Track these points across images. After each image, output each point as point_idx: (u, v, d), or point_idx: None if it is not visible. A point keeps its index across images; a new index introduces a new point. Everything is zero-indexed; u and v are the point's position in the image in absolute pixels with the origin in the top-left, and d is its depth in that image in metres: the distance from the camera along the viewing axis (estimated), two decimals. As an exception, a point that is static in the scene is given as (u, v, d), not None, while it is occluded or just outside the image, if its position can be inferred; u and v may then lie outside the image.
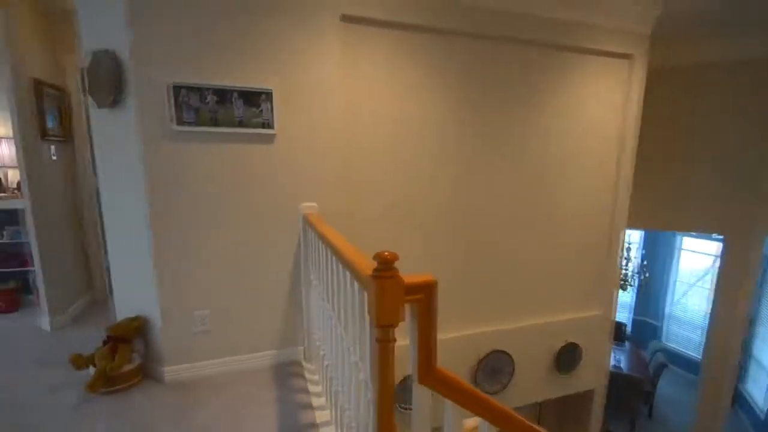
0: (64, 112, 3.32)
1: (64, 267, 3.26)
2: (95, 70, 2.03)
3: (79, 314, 3.39)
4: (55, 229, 3.14)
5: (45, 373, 2.51)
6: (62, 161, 3.32)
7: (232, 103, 2.14)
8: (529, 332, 3.42)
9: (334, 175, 2.50)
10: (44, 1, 3.01)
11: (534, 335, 3.44)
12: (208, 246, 2.33)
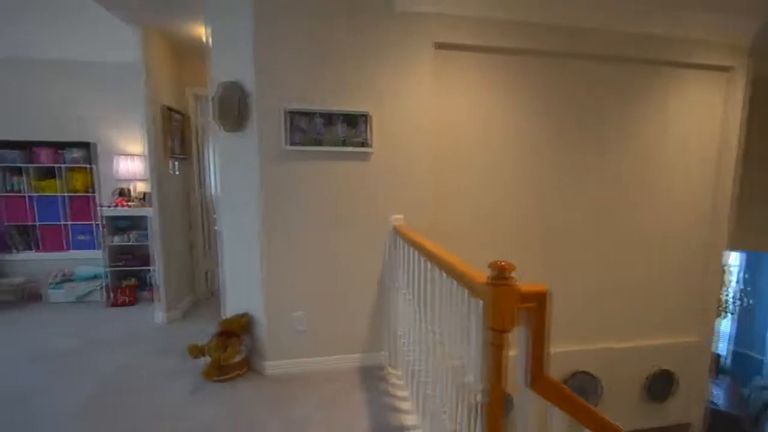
0: (184, 134, 3.83)
1: (177, 268, 3.72)
2: (223, 99, 2.37)
3: (186, 311, 3.83)
4: (172, 235, 3.60)
5: (164, 359, 2.88)
6: (181, 176, 3.83)
7: (335, 125, 2.37)
8: (618, 355, 3.24)
9: (422, 189, 2.64)
10: (174, 42, 3.53)
11: (623, 359, 3.25)
12: (307, 253, 2.56)
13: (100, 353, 2.97)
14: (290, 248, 2.53)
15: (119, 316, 3.69)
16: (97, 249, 4.22)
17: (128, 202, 4.04)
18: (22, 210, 4.11)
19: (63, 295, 4.01)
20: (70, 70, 4.01)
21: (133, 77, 3.93)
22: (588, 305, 3.22)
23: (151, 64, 3.23)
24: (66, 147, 4.08)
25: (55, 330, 3.37)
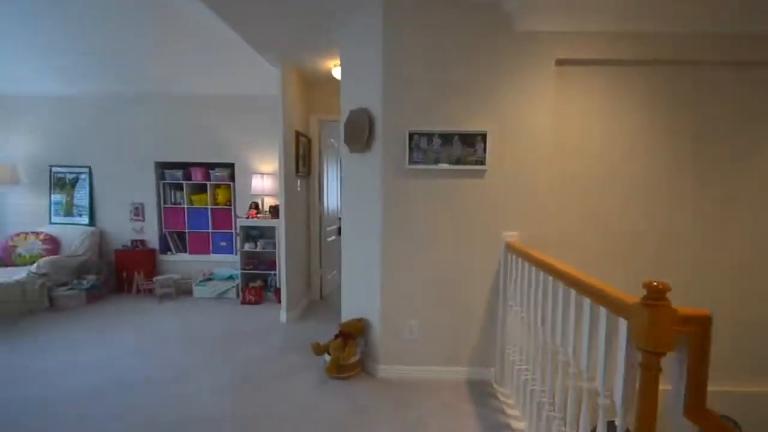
0: (308, 155, 4.26)
1: (297, 273, 4.10)
2: (353, 124, 2.63)
3: (303, 311, 4.19)
4: (294, 244, 4.00)
5: (290, 353, 3.19)
6: (303, 192, 4.26)
7: (452, 145, 2.47)
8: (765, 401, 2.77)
9: (537, 206, 2.60)
10: (304, 75, 3.99)
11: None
12: (422, 264, 2.67)
13: (238, 343, 3.40)
14: (406, 260, 2.67)
15: (249, 313, 4.18)
16: (233, 254, 4.85)
17: (259, 214, 4.58)
18: (179, 219, 4.92)
19: (206, 292, 4.66)
20: (218, 103, 4.74)
21: (268, 107, 4.53)
22: (729, 340, 2.81)
23: (287, 96, 3.69)
24: (214, 167, 4.81)
25: (202, 320, 3.94)
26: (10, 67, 4.45)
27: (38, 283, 4.15)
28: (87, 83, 4.66)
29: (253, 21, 2.77)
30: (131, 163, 4.87)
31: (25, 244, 4.52)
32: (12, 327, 3.71)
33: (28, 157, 4.99)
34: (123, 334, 3.58)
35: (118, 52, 4.15)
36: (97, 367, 2.93)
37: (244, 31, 2.94)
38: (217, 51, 3.99)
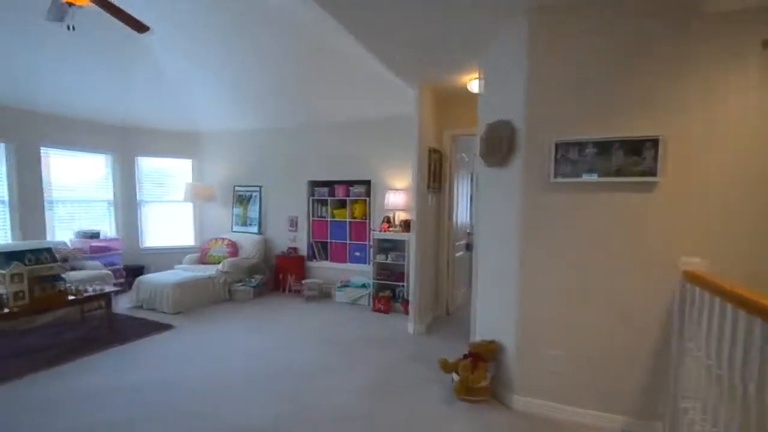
0: (439, 170, 4.24)
1: (425, 287, 4.05)
2: (491, 138, 2.48)
3: (430, 325, 4.10)
4: (424, 257, 3.97)
5: (417, 365, 3.12)
6: (434, 207, 4.23)
7: (610, 154, 2.11)
8: None
9: (736, 227, 2.02)
10: (438, 93, 4.00)
11: None
12: (569, 288, 2.33)
13: (369, 348, 3.49)
14: (549, 282, 2.36)
15: (379, 320, 4.29)
16: (367, 264, 5.09)
17: (391, 227, 4.72)
18: (323, 230, 5.40)
19: (343, 297, 4.98)
20: (359, 127, 5.09)
21: (403, 126, 4.66)
22: None
23: (422, 114, 3.74)
24: (353, 184, 5.17)
25: (339, 323, 4.20)
26: (210, 110, 5.60)
27: (222, 279, 5.02)
28: (261, 119, 5.56)
29: (398, 50, 2.88)
30: (290, 182, 5.58)
31: (215, 247, 5.54)
32: (203, 312, 4.55)
33: (221, 179, 6.16)
34: (277, 327, 4.04)
35: (284, 91, 4.84)
36: (256, 354, 3.34)
37: (389, 60, 3.08)
38: (361, 80, 4.31)
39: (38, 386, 2.74)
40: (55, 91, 4.68)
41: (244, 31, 3.97)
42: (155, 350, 3.41)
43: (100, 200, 5.66)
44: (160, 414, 2.42)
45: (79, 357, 3.22)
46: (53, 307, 3.65)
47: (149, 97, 5.27)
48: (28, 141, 4.77)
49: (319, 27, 3.41)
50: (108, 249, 5.23)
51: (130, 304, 4.65)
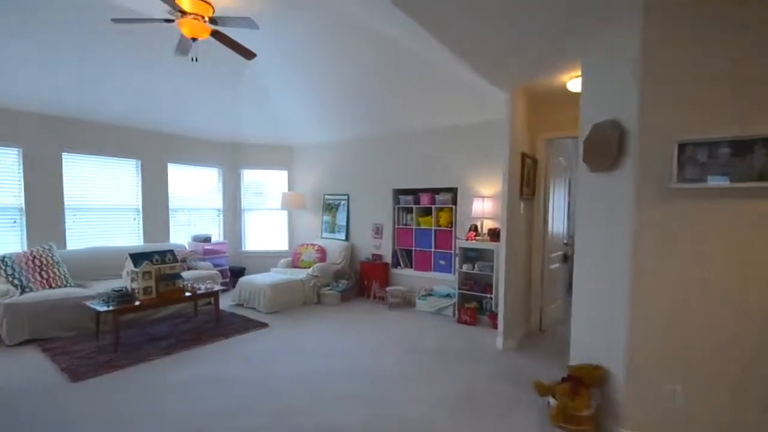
0: (532, 176, 4.01)
1: (515, 300, 3.84)
2: (596, 140, 2.27)
3: (520, 341, 3.87)
4: (514, 269, 3.77)
5: (506, 384, 2.96)
6: (526, 215, 4.01)
7: (752, 154, 1.79)
8: None
9: None
10: (531, 95, 3.80)
11: None
12: (693, 312, 2.02)
13: (453, 360, 3.40)
14: (668, 303, 2.07)
15: (464, 333, 4.16)
16: (451, 273, 5.01)
17: (477, 236, 4.58)
18: (408, 238, 5.45)
19: (426, 306, 4.95)
20: (444, 134, 5.06)
21: (491, 132, 4.53)
22: None
23: (513, 118, 3.58)
24: (439, 192, 5.14)
25: (422, 332, 4.17)
26: (303, 124, 6.04)
27: (312, 283, 5.34)
28: (348, 130, 5.83)
29: (489, 53, 2.80)
30: (375, 190, 5.75)
31: (306, 253, 5.93)
32: (294, 313, 4.88)
33: (311, 188, 6.59)
34: (361, 332, 4.16)
35: (369, 102, 5.02)
36: (342, 357, 3.47)
37: (479, 64, 3.01)
38: (446, 87, 4.28)
39: (158, 371, 3.17)
40: (177, 114, 5.46)
41: (331, 46, 4.22)
42: (253, 346, 3.74)
43: (211, 208, 6.44)
44: (261, 406, 2.63)
45: (191, 347, 3.67)
46: (173, 302, 4.23)
47: (253, 116, 5.88)
48: (156, 157, 5.63)
49: (405, 36, 3.47)
50: (217, 252, 5.92)
51: (233, 302, 5.18)
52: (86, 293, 4.08)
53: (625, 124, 2.14)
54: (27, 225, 4.49)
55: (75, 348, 3.59)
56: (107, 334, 3.78)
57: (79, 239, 4.93)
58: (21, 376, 3.04)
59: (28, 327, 3.70)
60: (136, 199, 5.48)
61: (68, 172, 4.81)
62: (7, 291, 3.76)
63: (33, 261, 4.09)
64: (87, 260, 4.63)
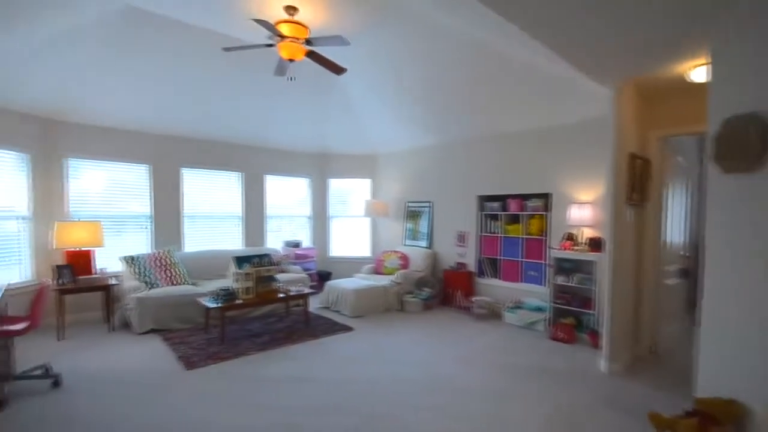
0: (643, 179, 3.60)
1: (622, 319, 3.44)
2: (730, 135, 1.96)
3: (627, 365, 3.46)
4: (621, 283, 3.39)
5: (612, 415, 2.65)
6: (634, 224, 3.60)
7: None
8: None
9: None
10: (643, 87, 3.42)
11: None
12: None
13: (548, 380, 3.15)
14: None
15: (559, 351, 3.85)
16: (542, 285, 4.69)
17: (574, 246, 4.23)
18: (493, 247, 5.24)
19: (515, 319, 4.69)
20: (536, 136, 4.79)
21: (591, 132, 4.18)
22: None
23: (620, 115, 3.26)
24: (529, 198, 4.87)
25: (511, 347, 3.95)
26: (387, 133, 6.19)
27: (395, 290, 5.40)
28: (431, 136, 5.84)
29: (592, 47, 2.60)
30: (459, 197, 5.65)
31: (389, 259, 6.03)
32: (377, 318, 4.97)
33: (394, 196, 6.72)
34: (445, 342, 4.08)
35: (453, 106, 4.97)
36: (425, 366, 3.43)
37: (580, 60, 2.81)
38: (537, 86, 4.07)
39: (255, 365, 3.45)
40: (273, 129, 5.98)
41: (417, 54, 4.26)
42: (340, 348, 3.89)
43: (301, 216, 6.91)
44: (348, 407, 2.72)
45: (282, 346, 3.93)
46: (269, 302, 4.58)
47: (340, 127, 6.21)
48: (255, 170, 6.22)
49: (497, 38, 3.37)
50: (306, 256, 6.31)
51: (320, 305, 5.46)
52: (198, 291, 4.63)
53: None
54: (154, 230, 5.25)
55: (189, 339, 4.08)
56: (214, 328, 4.23)
57: (193, 243, 5.63)
58: (148, 361, 3.54)
59: (153, 318, 4.30)
60: (239, 207, 6.10)
61: (185, 185, 5.54)
62: (138, 287, 4.41)
63: (158, 261, 4.76)
64: (199, 261, 5.26)
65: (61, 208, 4.56)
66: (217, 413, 2.64)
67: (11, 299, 3.63)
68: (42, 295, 3.02)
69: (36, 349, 3.70)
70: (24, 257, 4.30)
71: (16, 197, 4.22)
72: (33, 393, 2.86)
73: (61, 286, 4.11)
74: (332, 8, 3.51)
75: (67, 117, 4.53)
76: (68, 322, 4.30)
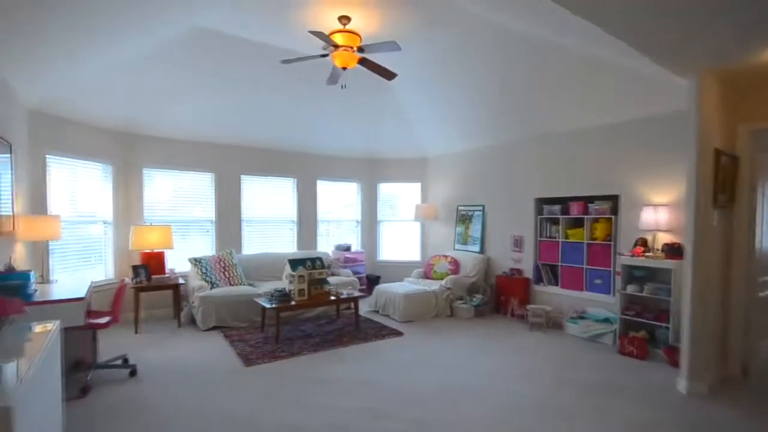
0: (732, 178, 3.20)
1: (705, 334, 3.07)
2: None
3: (714, 386, 3.08)
4: (704, 294, 3.04)
5: (700, 442, 2.36)
6: (719, 229, 3.21)
7: None
8: None
9: None
10: (730, 75, 3.05)
11: None
12: None
13: (618, 399, 2.88)
14: None
15: (630, 367, 3.52)
16: (609, 294, 4.33)
17: (647, 252, 3.87)
18: (553, 252, 4.94)
19: (577, 330, 4.37)
20: (601, 134, 4.45)
21: (665, 126, 3.83)
22: None
23: (703, 107, 2.93)
24: (593, 200, 4.54)
25: (573, 360, 3.67)
26: (437, 136, 6.09)
27: (445, 295, 5.28)
28: (484, 138, 5.66)
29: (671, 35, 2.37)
30: (514, 200, 5.41)
31: (438, 264, 5.91)
32: (426, 324, 4.87)
33: (444, 199, 6.60)
34: (499, 351, 3.89)
35: (508, 106, 4.77)
36: (480, 374, 3.28)
37: (656, 51, 2.57)
38: (603, 80, 3.80)
39: (307, 365, 3.50)
40: (324, 136, 6.12)
41: (469, 55, 4.15)
42: (390, 353, 3.85)
43: (350, 220, 7.00)
44: (399, 412, 2.67)
45: (333, 347, 3.97)
46: (321, 304, 4.68)
47: (390, 132, 6.23)
48: (308, 175, 6.40)
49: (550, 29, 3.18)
50: (355, 260, 6.37)
51: (369, 308, 5.47)
52: (255, 291, 4.82)
53: None
54: (216, 233, 5.57)
55: (247, 337, 4.26)
56: (270, 327, 4.38)
57: (251, 245, 5.89)
58: (211, 356, 3.73)
59: (215, 316, 4.54)
60: (292, 212, 6.31)
61: (244, 191, 5.83)
62: (201, 286, 4.69)
63: (219, 263, 5.03)
64: (256, 263, 5.50)
65: (137, 213, 4.99)
66: (272, 410, 2.71)
67: (95, 295, 4.01)
68: (122, 292, 3.29)
69: (115, 342, 4.05)
70: (107, 258, 4.74)
71: (100, 204, 4.68)
72: (112, 381, 3.12)
73: (137, 284, 4.48)
74: (384, 15, 3.52)
75: (143, 131, 4.95)
76: (143, 317, 4.68)
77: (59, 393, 2.11)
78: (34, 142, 3.83)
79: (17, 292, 2.56)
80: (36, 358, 1.62)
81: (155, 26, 3.42)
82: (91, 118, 4.39)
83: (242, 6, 3.43)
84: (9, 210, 3.11)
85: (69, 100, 3.95)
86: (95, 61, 3.58)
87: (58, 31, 2.83)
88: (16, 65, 3.01)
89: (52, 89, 3.68)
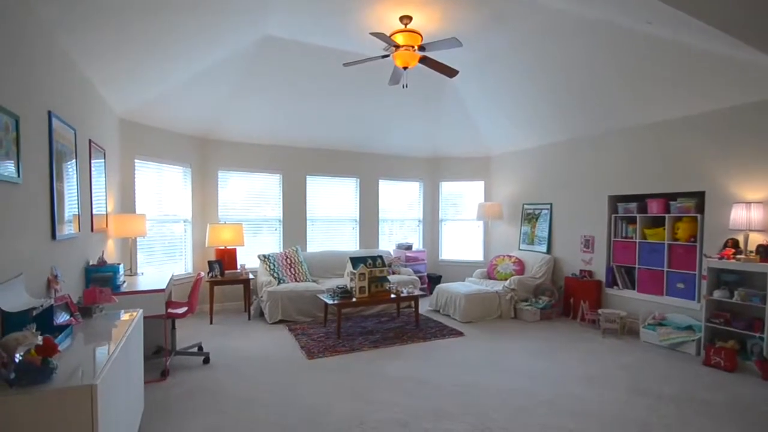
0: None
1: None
2: None
3: (820, 409, 2.83)
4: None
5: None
6: (826, 226, 2.94)
7: None
8: None
9: None
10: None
11: None
12: None
13: (706, 415, 2.75)
14: None
15: (717, 379, 3.32)
16: (694, 300, 4.09)
17: (738, 254, 3.61)
18: (629, 254, 4.74)
19: (654, 338, 4.17)
20: (685, 125, 4.20)
21: (756, 116, 3.55)
22: None
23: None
24: (676, 197, 4.29)
25: (651, 370, 3.53)
26: (501, 133, 6.06)
27: (509, 296, 5.28)
28: (551, 134, 5.55)
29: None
30: (585, 198, 5.26)
31: (502, 264, 5.91)
32: (488, 325, 4.92)
33: (508, 198, 6.56)
34: (566, 357, 3.85)
35: (577, 100, 4.65)
36: (547, 380, 3.30)
37: (754, 34, 2.44)
38: (687, 68, 3.61)
39: (367, 361, 3.75)
40: (387, 136, 6.38)
41: (537, 47, 4.13)
42: (451, 353, 3.98)
43: (412, 219, 7.21)
44: (461, 414, 2.78)
45: (394, 345, 4.18)
46: (381, 302, 4.92)
47: (452, 130, 6.33)
48: (370, 175, 6.72)
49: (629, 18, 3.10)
50: (416, 259, 6.56)
51: (429, 307, 5.62)
52: (318, 287, 5.21)
53: None
54: (283, 232, 6.07)
55: (310, 331, 4.63)
56: (332, 323, 4.72)
57: (315, 243, 6.33)
58: (277, 348, 4.13)
59: (281, 310, 4.98)
60: (354, 211, 6.67)
61: (309, 191, 6.28)
62: (269, 281, 5.16)
63: (286, 259, 5.49)
64: (320, 260, 5.92)
65: (213, 212, 5.61)
66: (333, 402, 2.95)
67: (174, 288, 4.62)
68: (198, 285, 3.77)
69: (192, 331, 4.62)
70: (186, 253, 5.40)
71: (181, 204, 5.34)
72: (188, 367, 3.59)
73: (212, 278, 5.06)
74: (446, 12, 3.64)
75: (217, 135, 5.56)
76: (216, 309, 5.26)
77: (141, 375, 2.44)
78: (124, 147, 4.49)
79: (108, 283, 2.98)
80: (120, 342, 1.85)
81: (226, 35, 3.82)
82: (172, 124, 5.03)
83: (306, 11, 3.69)
84: (104, 209, 3.70)
85: (153, 108, 4.56)
86: (177, 72, 4.12)
87: (146, 46, 3.31)
88: (110, 82, 3.58)
89: (140, 99, 4.28)
